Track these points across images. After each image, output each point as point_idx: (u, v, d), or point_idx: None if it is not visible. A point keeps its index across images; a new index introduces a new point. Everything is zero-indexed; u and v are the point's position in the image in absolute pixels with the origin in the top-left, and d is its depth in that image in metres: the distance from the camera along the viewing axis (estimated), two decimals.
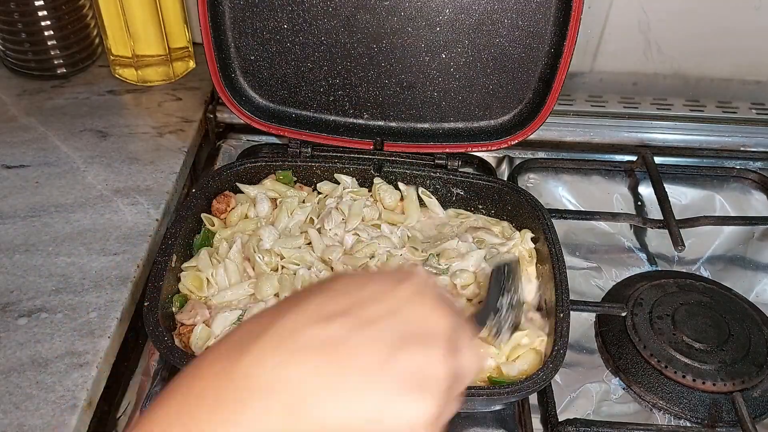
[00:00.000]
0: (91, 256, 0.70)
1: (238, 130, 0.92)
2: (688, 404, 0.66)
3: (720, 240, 0.84)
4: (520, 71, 0.77)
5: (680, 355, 0.68)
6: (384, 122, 0.81)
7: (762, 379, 0.67)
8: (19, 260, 0.69)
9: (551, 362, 0.59)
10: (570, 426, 0.62)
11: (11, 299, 0.65)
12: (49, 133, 0.83)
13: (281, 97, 0.80)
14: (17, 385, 0.59)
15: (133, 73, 0.91)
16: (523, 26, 0.74)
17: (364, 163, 0.78)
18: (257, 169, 0.78)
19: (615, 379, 0.69)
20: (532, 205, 0.74)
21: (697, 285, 0.75)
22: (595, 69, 0.96)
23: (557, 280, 0.65)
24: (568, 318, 0.62)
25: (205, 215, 0.73)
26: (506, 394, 0.57)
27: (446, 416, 0.37)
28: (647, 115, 0.95)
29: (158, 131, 0.85)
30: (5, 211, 0.74)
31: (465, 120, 0.81)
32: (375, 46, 0.76)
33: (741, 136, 0.93)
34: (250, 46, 0.77)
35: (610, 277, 0.79)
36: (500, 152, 0.91)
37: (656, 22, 0.91)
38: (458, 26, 0.74)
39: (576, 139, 0.93)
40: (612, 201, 0.88)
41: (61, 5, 0.86)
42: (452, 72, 0.77)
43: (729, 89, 0.97)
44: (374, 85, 0.79)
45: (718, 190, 0.89)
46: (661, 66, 0.95)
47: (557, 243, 0.69)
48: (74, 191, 0.76)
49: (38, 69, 0.91)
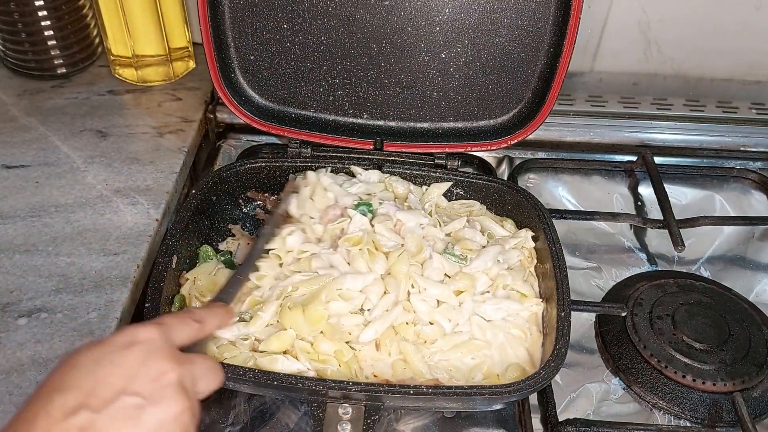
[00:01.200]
0: (91, 256, 0.70)
1: (238, 130, 0.92)
2: (688, 404, 0.66)
3: (720, 240, 0.84)
4: (519, 71, 0.77)
5: (680, 355, 0.68)
6: (384, 122, 0.81)
7: (762, 379, 0.67)
8: (19, 260, 0.69)
9: (552, 362, 0.59)
10: (570, 426, 0.62)
11: (11, 299, 0.65)
12: (49, 133, 0.83)
13: (281, 97, 0.80)
14: (17, 385, 0.59)
15: (133, 73, 0.91)
16: (523, 26, 0.74)
17: (364, 163, 0.78)
18: (257, 169, 0.78)
19: (615, 379, 0.69)
20: (532, 205, 0.74)
21: (697, 285, 0.75)
22: (595, 69, 0.96)
23: (557, 279, 0.65)
24: (569, 318, 0.62)
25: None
26: (506, 394, 0.57)
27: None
28: (647, 115, 0.95)
29: (158, 131, 0.85)
30: (5, 211, 0.74)
31: (465, 120, 0.81)
32: (375, 46, 0.76)
33: (741, 136, 0.93)
34: (250, 46, 0.77)
35: (610, 277, 0.79)
36: (500, 152, 0.91)
37: (656, 21, 0.91)
38: (458, 26, 0.74)
39: (576, 139, 0.93)
40: (612, 201, 0.88)
41: (61, 5, 0.86)
42: (452, 72, 0.77)
43: (729, 89, 0.97)
44: (374, 85, 0.79)
45: (718, 190, 0.89)
46: (661, 66, 0.95)
47: (557, 242, 0.69)
48: (74, 191, 0.76)
49: (38, 69, 0.91)
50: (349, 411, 0.56)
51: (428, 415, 0.65)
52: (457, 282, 0.67)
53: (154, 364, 0.44)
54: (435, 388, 0.57)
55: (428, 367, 0.62)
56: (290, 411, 0.64)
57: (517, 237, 0.72)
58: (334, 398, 0.57)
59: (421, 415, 0.65)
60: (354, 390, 0.55)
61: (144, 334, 0.45)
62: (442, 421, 0.65)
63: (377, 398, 0.57)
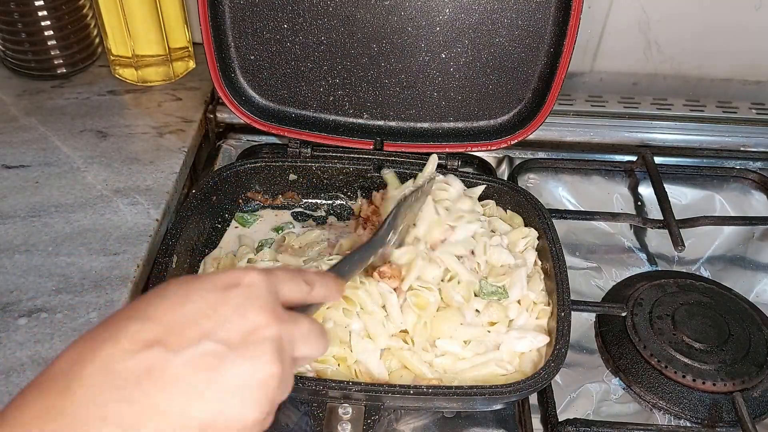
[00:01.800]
0: (91, 256, 0.70)
1: (238, 130, 0.92)
2: (688, 404, 0.66)
3: (720, 240, 0.84)
4: (519, 71, 0.77)
5: (680, 355, 0.68)
6: (384, 122, 0.81)
7: (762, 379, 0.67)
8: (19, 260, 0.69)
9: (552, 362, 0.59)
10: (570, 426, 0.62)
11: (11, 299, 0.65)
12: (49, 133, 0.83)
13: (281, 97, 0.80)
14: (17, 385, 0.59)
15: (133, 73, 0.91)
16: (523, 26, 0.74)
17: (364, 163, 0.79)
18: (257, 169, 0.78)
19: (615, 379, 0.69)
20: (532, 205, 0.74)
21: (697, 285, 0.75)
22: (595, 69, 0.96)
23: (557, 279, 0.65)
24: (569, 318, 0.62)
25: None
26: (506, 394, 0.57)
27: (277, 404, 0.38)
28: (647, 115, 0.95)
29: (158, 131, 0.85)
30: (5, 211, 0.74)
31: (464, 120, 0.81)
32: (375, 46, 0.76)
33: (741, 136, 0.93)
34: (250, 46, 0.77)
35: (610, 277, 0.79)
36: (500, 152, 0.91)
37: (656, 21, 0.91)
38: (458, 26, 0.74)
39: (576, 139, 0.93)
40: (612, 201, 0.88)
41: (61, 5, 0.86)
42: (452, 72, 0.77)
43: (729, 89, 0.97)
44: (374, 85, 0.79)
45: (718, 190, 0.89)
46: (661, 66, 0.95)
47: (558, 242, 0.69)
48: (74, 191, 0.76)
49: (38, 69, 0.91)
50: (349, 411, 0.56)
51: (428, 415, 0.65)
52: (491, 314, 0.64)
53: (252, 314, 0.37)
54: (435, 388, 0.58)
55: (429, 366, 0.62)
56: (290, 411, 0.64)
57: (527, 236, 0.72)
58: (334, 398, 0.57)
59: (421, 415, 0.65)
60: (354, 390, 0.56)
61: (249, 278, 0.39)
62: (442, 421, 0.65)
63: (377, 398, 0.57)
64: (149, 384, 0.34)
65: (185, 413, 0.34)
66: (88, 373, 0.34)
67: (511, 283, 0.66)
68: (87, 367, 0.34)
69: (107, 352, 0.34)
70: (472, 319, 0.64)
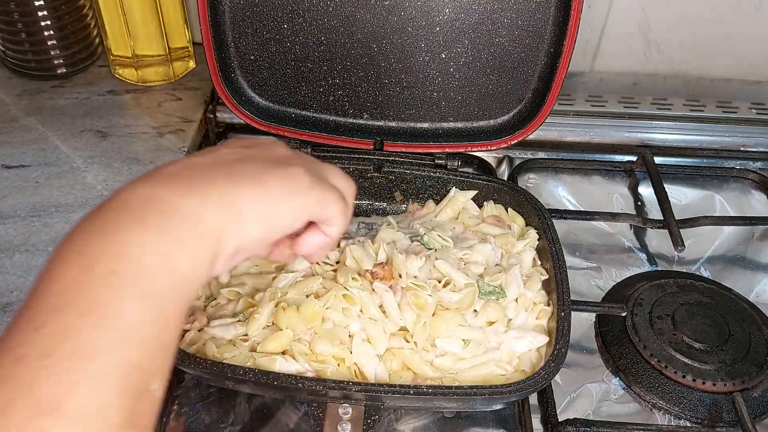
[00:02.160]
0: None
1: (238, 130, 0.92)
2: (688, 404, 0.66)
3: (720, 240, 0.84)
4: (519, 71, 0.77)
5: (680, 355, 0.68)
6: (384, 122, 0.81)
7: (762, 379, 0.67)
8: (19, 260, 0.69)
9: (552, 362, 0.59)
10: (570, 426, 0.62)
11: (11, 299, 0.65)
12: (49, 133, 0.83)
13: (281, 97, 0.80)
14: None
15: (133, 73, 0.91)
16: (523, 26, 0.74)
17: (364, 163, 0.78)
18: None
19: (615, 379, 0.69)
20: (532, 205, 0.74)
21: (697, 285, 0.75)
22: (595, 69, 0.96)
23: (557, 279, 0.65)
24: (569, 318, 0.62)
25: None
26: (506, 394, 0.56)
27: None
28: (647, 115, 0.95)
29: (158, 131, 0.85)
30: (5, 211, 0.74)
31: (464, 120, 0.81)
32: (375, 46, 0.76)
33: (741, 136, 0.93)
34: (250, 46, 0.77)
35: (610, 277, 0.79)
36: (500, 152, 0.91)
37: (656, 22, 0.91)
38: (458, 26, 0.74)
39: (576, 139, 0.93)
40: (612, 201, 0.88)
41: (61, 5, 0.86)
42: (452, 72, 0.77)
43: (729, 89, 0.97)
44: (374, 85, 0.79)
45: (718, 190, 0.89)
46: (661, 66, 0.95)
47: (558, 242, 0.69)
48: (74, 191, 0.76)
49: (38, 69, 0.91)
50: (349, 411, 0.56)
51: (428, 415, 0.65)
52: (489, 314, 0.64)
53: (295, 153, 0.48)
54: (435, 388, 0.57)
55: (430, 366, 0.62)
56: (290, 411, 0.64)
57: (526, 238, 0.72)
58: (334, 398, 0.57)
59: (421, 415, 0.65)
60: (354, 390, 0.55)
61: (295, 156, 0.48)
62: (442, 421, 0.65)
63: (377, 398, 0.57)
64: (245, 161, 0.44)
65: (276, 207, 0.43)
66: (185, 175, 0.43)
67: (507, 282, 0.66)
68: (185, 170, 0.43)
69: (202, 160, 0.45)
70: (470, 320, 0.64)
